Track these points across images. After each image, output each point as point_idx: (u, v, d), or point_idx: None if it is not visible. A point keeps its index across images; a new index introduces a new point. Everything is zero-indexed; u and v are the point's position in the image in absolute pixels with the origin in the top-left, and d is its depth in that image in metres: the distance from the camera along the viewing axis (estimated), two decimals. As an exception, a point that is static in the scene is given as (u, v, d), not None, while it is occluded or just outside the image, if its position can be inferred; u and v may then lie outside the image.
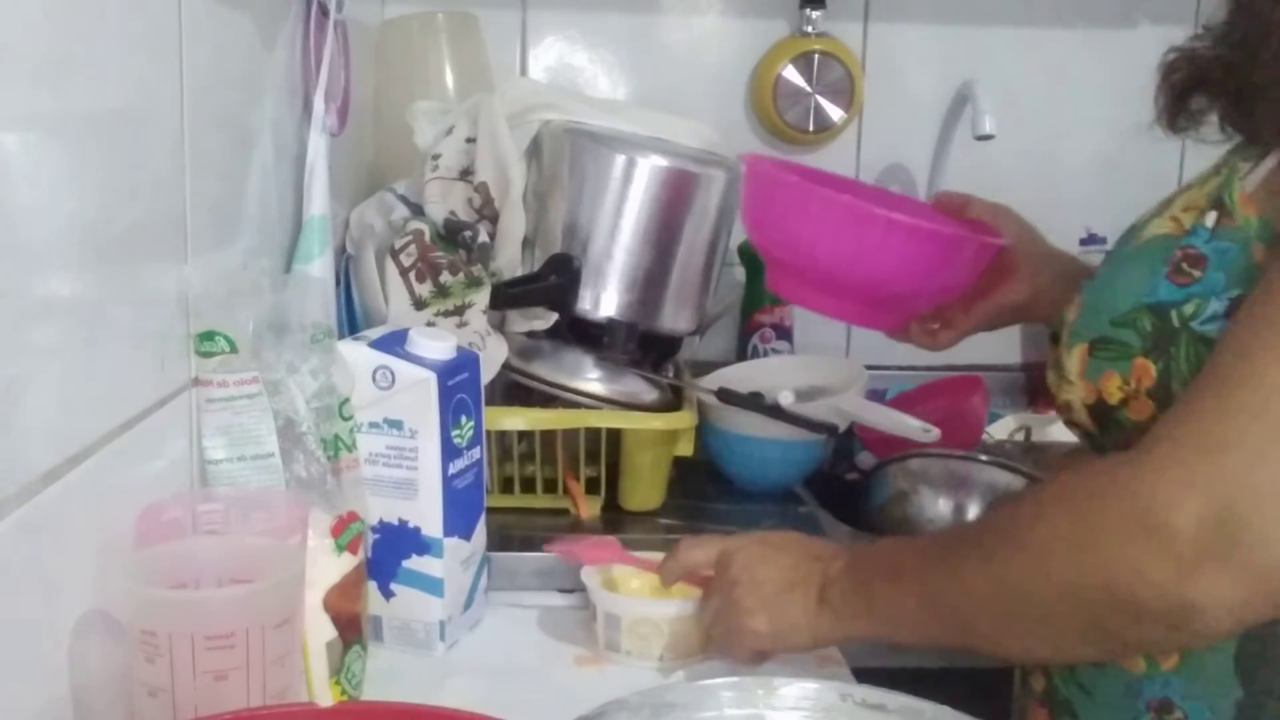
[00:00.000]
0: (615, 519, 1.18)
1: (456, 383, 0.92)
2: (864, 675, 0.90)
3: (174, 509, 0.75)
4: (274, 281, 0.92)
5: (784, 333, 1.54)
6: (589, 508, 1.18)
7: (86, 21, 0.66)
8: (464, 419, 0.93)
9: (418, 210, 1.24)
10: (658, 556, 0.99)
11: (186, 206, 0.81)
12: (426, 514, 0.92)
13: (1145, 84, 1.63)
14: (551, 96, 1.27)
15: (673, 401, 1.21)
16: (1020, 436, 1.55)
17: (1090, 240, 1.58)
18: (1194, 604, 0.64)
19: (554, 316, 1.16)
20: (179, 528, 0.74)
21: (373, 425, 0.91)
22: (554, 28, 1.60)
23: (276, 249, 1.04)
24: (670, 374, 1.27)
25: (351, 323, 1.17)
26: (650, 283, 1.18)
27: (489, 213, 1.20)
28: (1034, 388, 1.67)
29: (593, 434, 1.16)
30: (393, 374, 0.90)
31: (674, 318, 1.21)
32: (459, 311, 1.14)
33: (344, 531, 0.81)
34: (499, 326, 1.17)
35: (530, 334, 1.18)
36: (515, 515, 1.16)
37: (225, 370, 0.82)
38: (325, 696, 0.79)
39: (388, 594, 0.93)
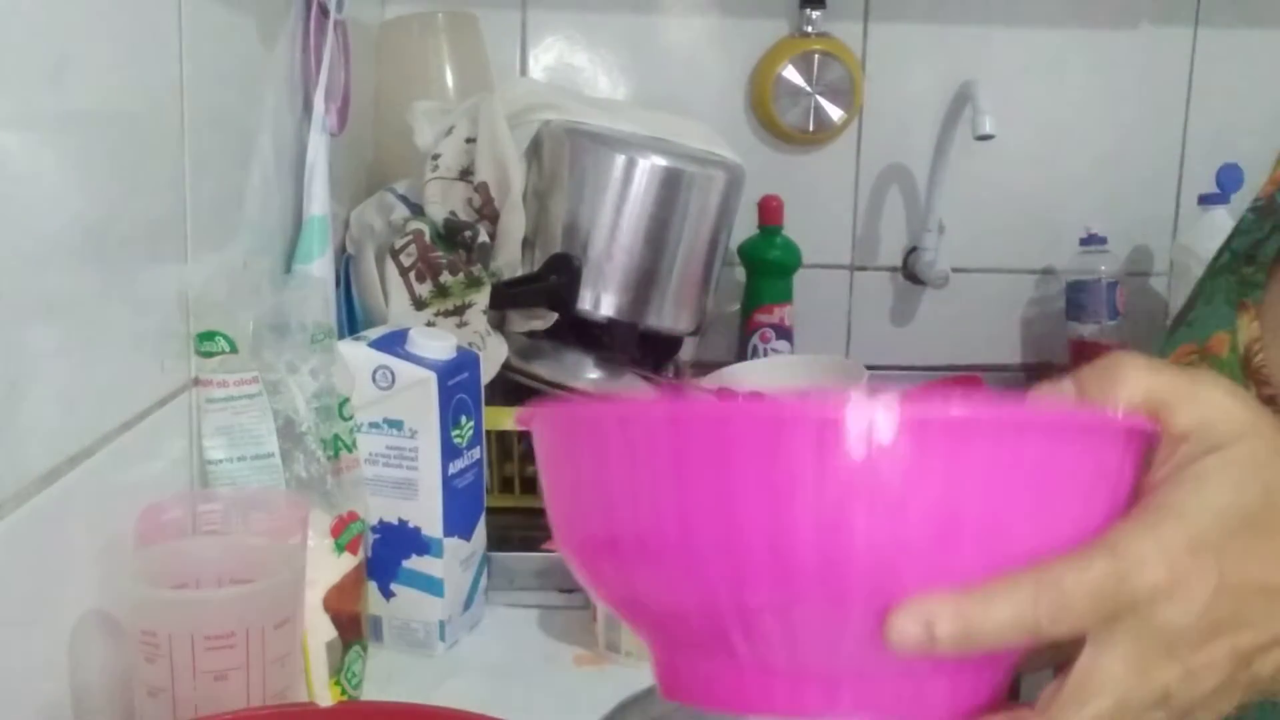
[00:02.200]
0: (615, 519, 1.18)
1: (456, 383, 0.92)
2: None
3: (174, 509, 0.74)
4: (274, 281, 0.92)
5: (784, 333, 1.54)
6: (589, 508, 1.18)
7: (86, 21, 0.66)
8: (464, 419, 0.93)
9: (418, 210, 1.24)
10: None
11: (186, 206, 0.81)
12: (426, 514, 0.92)
13: (1145, 84, 1.62)
14: (551, 96, 1.27)
15: (673, 401, 1.21)
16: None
17: (1090, 240, 1.58)
18: None
19: (554, 316, 1.16)
20: (179, 528, 0.74)
21: (373, 425, 0.91)
22: (554, 28, 1.60)
23: (276, 249, 1.04)
24: (670, 374, 1.27)
25: (351, 323, 1.17)
26: (650, 282, 1.18)
27: (489, 213, 1.20)
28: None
29: (593, 434, 1.16)
30: (393, 374, 0.90)
31: (674, 318, 1.21)
32: (459, 311, 1.14)
33: (344, 531, 0.81)
34: (499, 326, 1.17)
35: (530, 334, 1.18)
36: (515, 515, 1.16)
37: (225, 370, 0.82)
38: (325, 696, 0.79)
39: (388, 594, 0.93)
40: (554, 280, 1.16)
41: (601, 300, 1.18)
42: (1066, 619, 0.39)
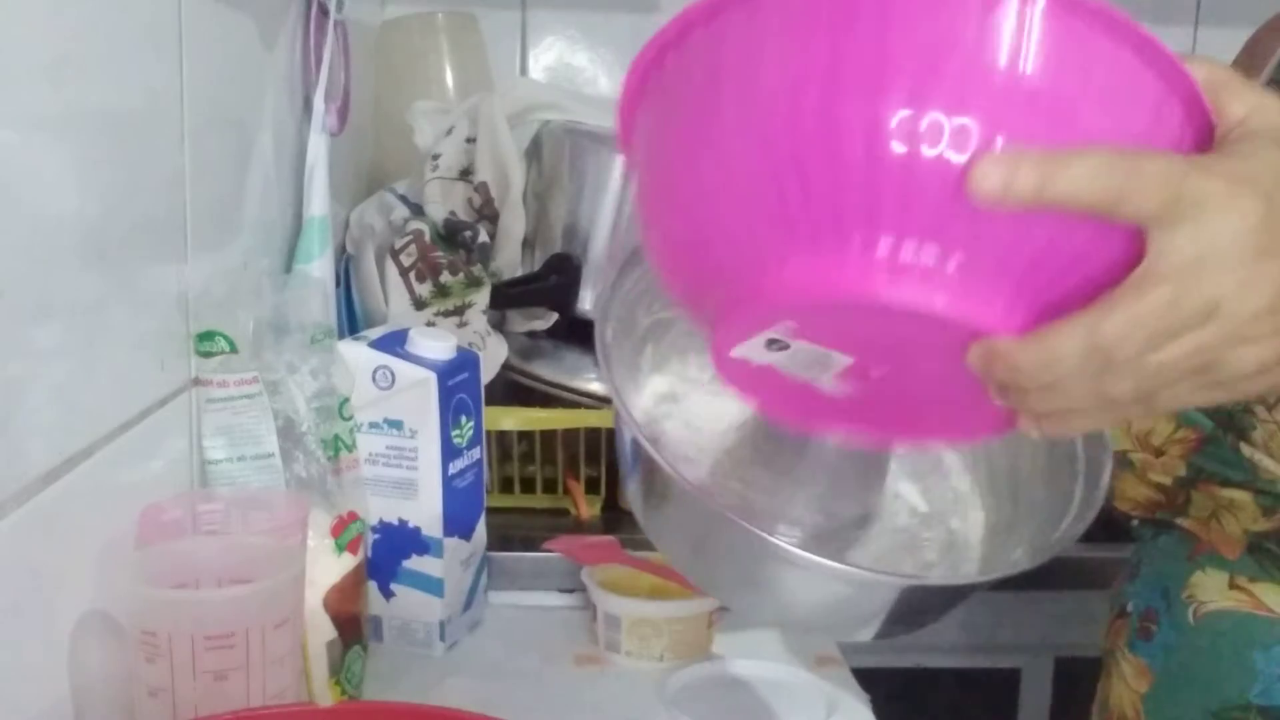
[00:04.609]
0: (615, 519, 1.18)
1: (456, 383, 0.92)
2: (863, 675, 0.90)
3: (174, 509, 0.74)
4: (274, 281, 0.92)
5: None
6: (589, 508, 1.18)
7: (87, 21, 0.66)
8: (464, 419, 0.93)
9: (418, 210, 1.24)
10: (658, 557, 0.99)
11: (186, 206, 0.81)
12: (426, 514, 0.92)
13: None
14: (551, 96, 1.27)
15: (673, 401, 1.21)
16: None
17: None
18: None
19: (554, 316, 1.16)
20: (179, 528, 0.74)
21: (373, 425, 0.91)
22: (554, 28, 1.60)
23: (276, 249, 1.04)
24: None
25: (351, 323, 1.17)
26: (650, 283, 1.18)
27: (489, 213, 1.20)
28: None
29: (593, 434, 1.16)
30: (393, 374, 0.90)
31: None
32: (459, 311, 1.14)
33: (344, 531, 0.81)
34: (499, 326, 1.17)
35: (530, 334, 1.18)
36: (515, 515, 1.16)
37: (225, 370, 0.82)
38: (325, 696, 0.79)
39: (388, 594, 0.93)
40: (554, 280, 1.16)
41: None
42: (1136, 194, 0.41)
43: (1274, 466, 0.71)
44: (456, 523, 0.93)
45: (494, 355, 1.13)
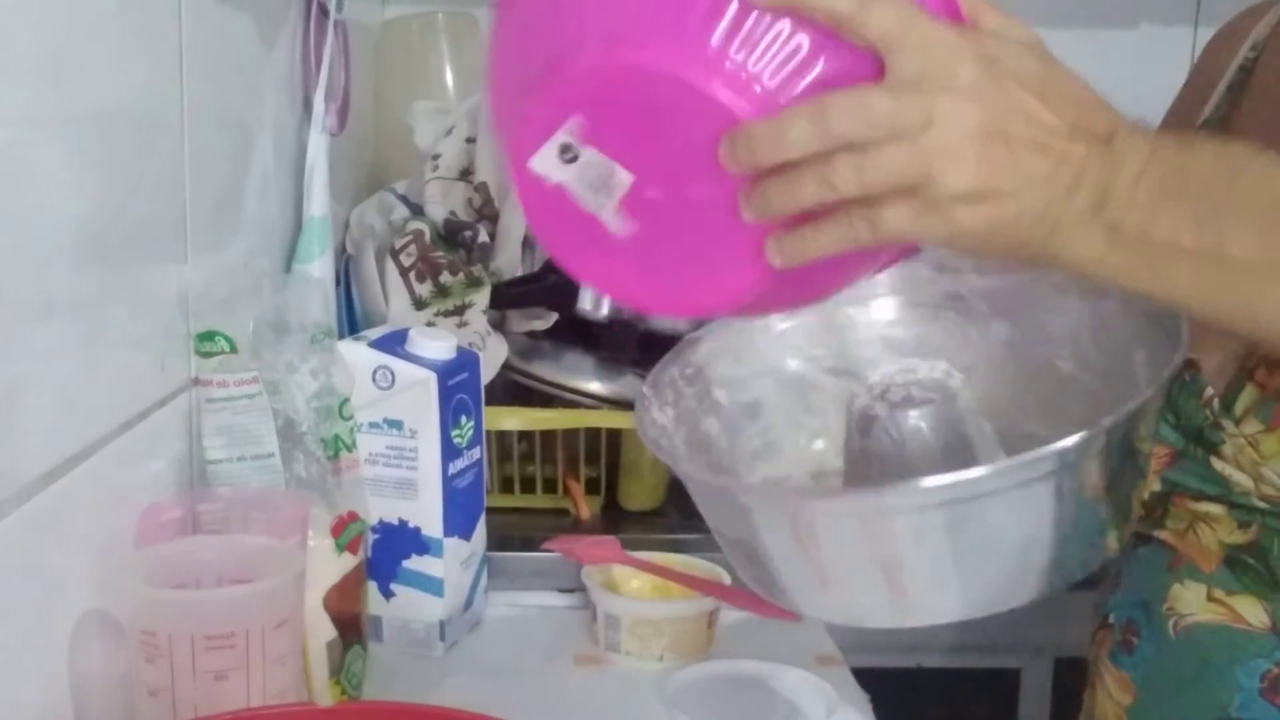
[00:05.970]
0: (615, 519, 1.18)
1: (456, 383, 0.92)
2: (863, 675, 0.90)
3: (174, 509, 0.74)
4: (274, 281, 0.92)
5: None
6: (589, 508, 1.18)
7: (86, 21, 0.66)
8: (464, 419, 0.93)
9: (418, 210, 1.24)
10: (658, 557, 0.99)
11: (186, 206, 0.81)
12: (426, 514, 0.92)
13: (1145, 84, 1.62)
14: (551, 96, 1.27)
15: (673, 401, 1.20)
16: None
17: (1090, 240, 1.57)
18: None
19: (554, 316, 1.16)
20: (179, 528, 0.74)
21: (373, 425, 0.91)
22: (554, 28, 1.60)
23: (276, 249, 1.04)
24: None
25: (351, 323, 1.17)
26: (650, 282, 1.18)
27: (489, 213, 1.20)
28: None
29: (593, 434, 1.16)
30: (393, 374, 0.90)
31: (675, 317, 1.21)
32: (459, 311, 1.14)
33: (344, 531, 0.81)
34: (499, 326, 1.17)
35: (530, 334, 1.18)
36: (515, 515, 1.16)
37: (225, 370, 0.82)
38: (325, 696, 0.79)
39: (388, 594, 0.93)
40: (554, 280, 1.16)
41: (601, 300, 1.18)
42: (872, 15, 0.49)
43: (1245, 481, 0.71)
44: (456, 523, 0.93)
45: (494, 355, 1.13)
